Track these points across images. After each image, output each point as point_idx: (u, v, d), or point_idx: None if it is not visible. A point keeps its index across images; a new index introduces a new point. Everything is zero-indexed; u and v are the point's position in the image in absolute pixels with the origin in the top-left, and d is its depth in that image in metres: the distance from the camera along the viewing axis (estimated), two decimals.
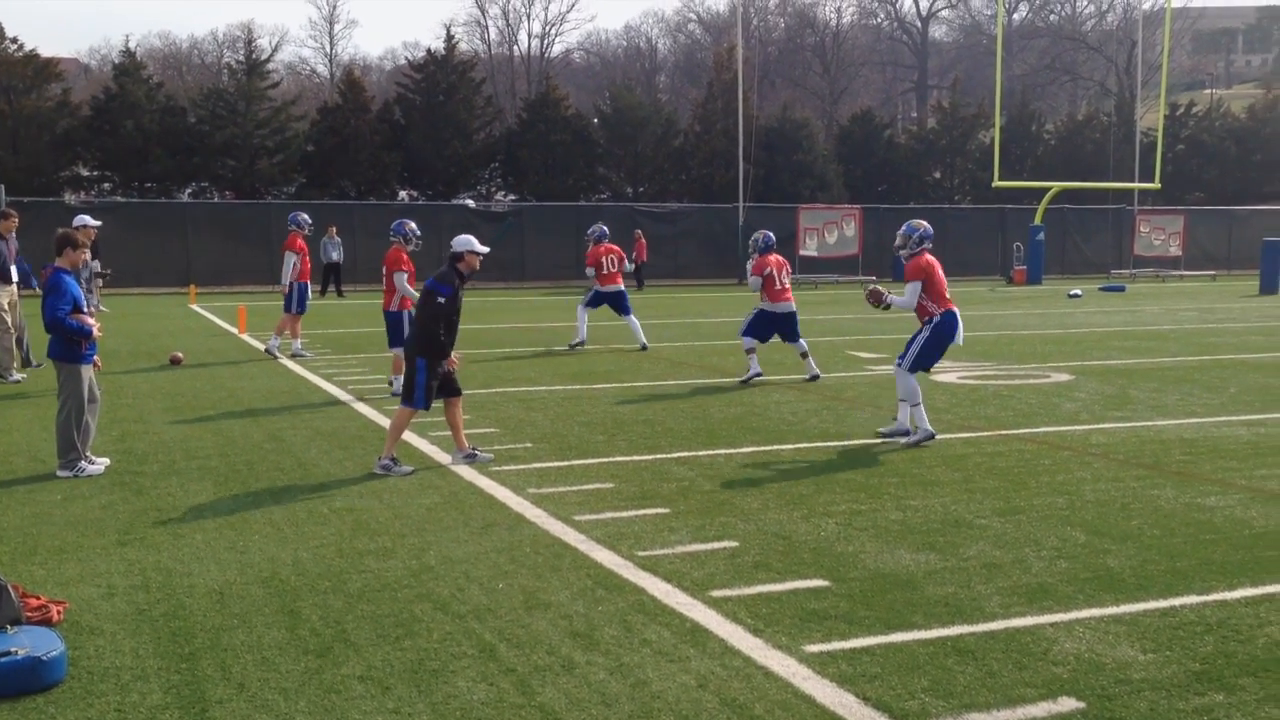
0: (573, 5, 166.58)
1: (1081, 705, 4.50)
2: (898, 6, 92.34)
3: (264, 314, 24.43)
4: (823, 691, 4.64)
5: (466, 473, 8.67)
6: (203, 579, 6.10)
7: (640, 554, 6.52)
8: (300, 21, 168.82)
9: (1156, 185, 41.00)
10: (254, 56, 45.71)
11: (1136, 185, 43.34)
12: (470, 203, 40.33)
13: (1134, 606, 5.62)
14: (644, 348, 17.11)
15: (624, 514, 7.40)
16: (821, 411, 11.44)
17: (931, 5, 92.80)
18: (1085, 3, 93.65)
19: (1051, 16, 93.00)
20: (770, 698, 4.59)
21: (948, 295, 10.05)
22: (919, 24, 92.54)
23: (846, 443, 9.87)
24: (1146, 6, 75.23)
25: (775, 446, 9.67)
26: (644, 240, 34.20)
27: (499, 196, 48.43)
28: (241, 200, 41.00)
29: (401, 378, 10.38)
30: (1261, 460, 9.07)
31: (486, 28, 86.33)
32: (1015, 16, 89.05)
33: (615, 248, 17.60)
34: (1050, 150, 54.76)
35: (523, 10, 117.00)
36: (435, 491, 8.07)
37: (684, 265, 39.33)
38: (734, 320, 22.76)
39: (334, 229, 31.91)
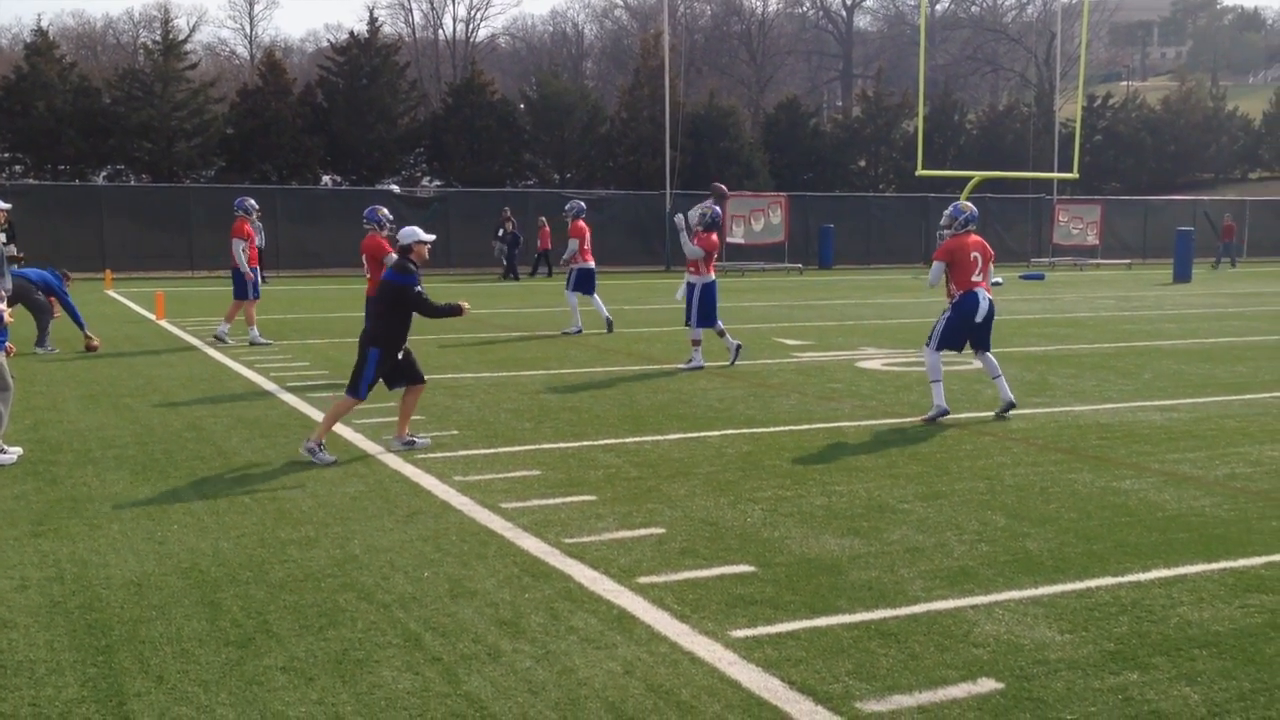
0: None
1: (1001, 686, 4.59)
2: None
3: (182, 300, 23.97)
4: (748, 676, 4.67)
5: (392, 461, 8.59)
6: (120, 570, 5.97)
7: (567, 541, 6.51)
8: (219, 1, 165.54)
9: (1075, 175, 41.72)
10: (171, 37, 44.74)
11: (1055, 175, 44.13)
12: (395, 188, 39.90)
13: (1052, 588, 5.74)
14: (610, 324, 17.78)
15: (551, 501, 7.38)
16: (748, 398, 11.51)
17: None
18: None
19: (973, 8, 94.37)
20: (696, 683, 4.61)
21: (974, 278, 10.37)
22: (844, 13, 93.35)
23: (772, 429, 9.94)
24: None
25: (702, 433, 9.71)
26: (548, 228, 33.97)
27: (424, 182, 48.01)
28: (158, 184, 40.13)
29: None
30: (1174, 444, 9.31)
31: (410, 11, 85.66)
32: (938, 7, 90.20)
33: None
34: (972, 140, 55.67)
35: None
36: (360, 480, 7.98)
37: (611, 252, 39.20)
38: (660, 308, 22.81)
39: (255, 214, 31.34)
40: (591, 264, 18.15)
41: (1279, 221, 49.76)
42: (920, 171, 38.99)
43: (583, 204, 18.79)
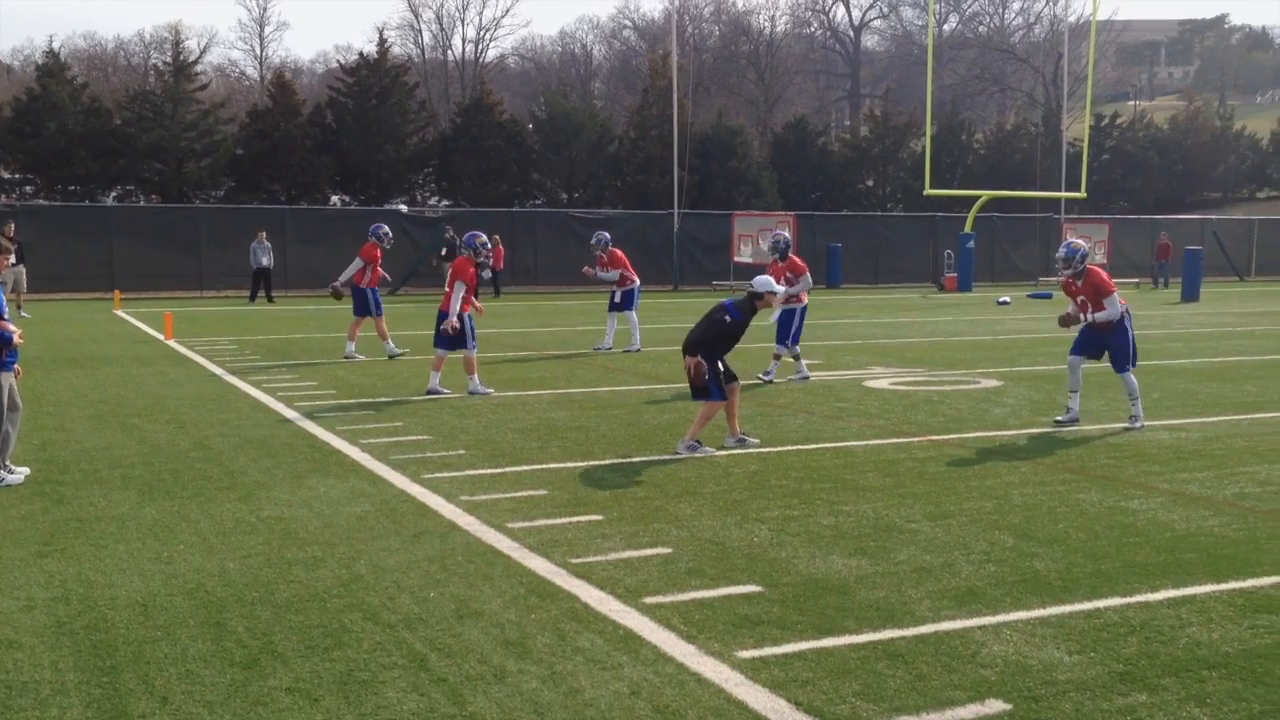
0: (507, 10, 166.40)
1: (1009, 707, 4.56)
2: (831, 16, 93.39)
3: (191, 320, 24.04)
4: (755, 697, 4.65)
5: (399, 480, 8.59)
6: (125, 591, 5.97)
7: (573, 561, 6.49)
8: (230, 23, 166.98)
9: (1082, 194, 41.83)
10: (181, 58, 45.04)
11: (1063, 194, 44.17)
12: (404, 208, 39.99)
13: (1060, 609, 5.71)
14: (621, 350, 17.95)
15: (557, 521, 7.38)
16: (755, 418, 11.49)
17: (864, 15, 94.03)
18: (1013, 15, 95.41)
19: (981, 28, 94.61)
20: (703, 704, 4.59)
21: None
22: (851, 33, 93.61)
23: (780, 448, 9.93)
24: (1072, 19, 76.85)
25: (709, 453, 9.69)
26: (502, 247, 33.80)
27: (432, 202, 48.15)
28: (168, 204, 40.30)
29: (476, 377, 13.05)
30: (1182, 464, 9.27)
31: (420, 32, 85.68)
32: (945, 27, 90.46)
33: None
34: (980, 159, 55.70)
35: (457, 15, 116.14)
36: (366, 500, 7.98)
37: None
38: (668, 327, 22.80)
39: (263, 234, 31.48)
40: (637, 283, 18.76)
41: None
42: (928, 191, 39.11)
43: (607, 235, 19.19)
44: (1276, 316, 26.60)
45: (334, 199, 46.62)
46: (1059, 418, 11.19)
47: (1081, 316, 10.94)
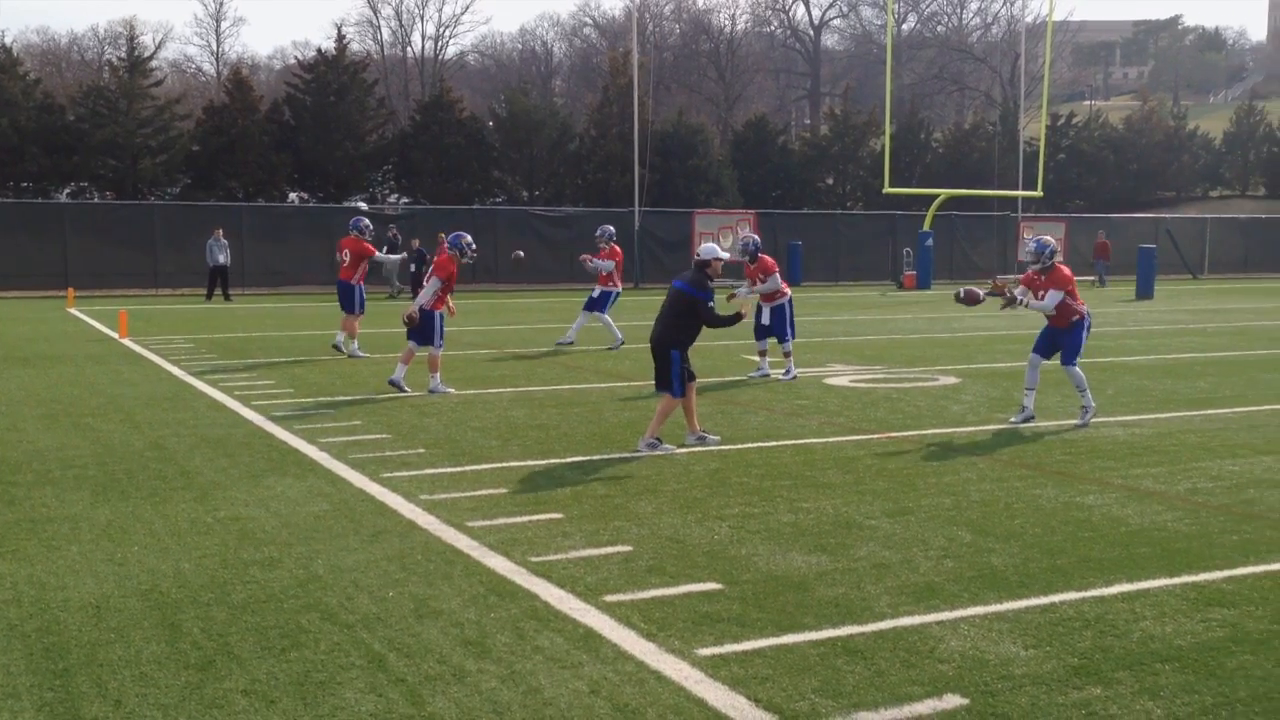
0: (467, 7, 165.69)
1: (966, 702, 4.59)
2: (790, 15, 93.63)
3: (146, 318, 23.75)
4: (715, 694, 4.66)
5: (357, 479, 8.53)
6: (78, 592, 5.89)
7: (533, 560, 6.48)
8: (185, 18, 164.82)
9: (1039, 193, 42.23)
10: (136, 54, 44.46)
11: (1020, 193, 44.57)
12: (363, 205, 39.72)
13: (1016, 604, 5.76)
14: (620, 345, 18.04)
15: (517, 519, 7.35)
16: (716, 415, 11.51)
17: (823, 14, 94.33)
18: (971, 15, 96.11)
19: (939, 28, 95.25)
20: (663, 702, 4.59)
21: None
22: (811, 32, 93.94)
23: (740, 446, 9.95)
24: (1029, 20, 77.61)
25: (669, 451, 9.70)
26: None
27: (392, 199, 47.86)
28: (123, 201, 39.79)
29: (438, 375, 13.02)
30: (1136, 459, 9.38)
31: (379, 28, 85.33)
32: (904, 27, 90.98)
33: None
34: (938, 158, 56.11)
35: (416, 11, 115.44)
36: (324, 499, 7.92)
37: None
38: (628, 324, 22.79)
39: (220, 231, 31.16)
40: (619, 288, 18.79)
41: (1240, 239, 50.39)
42: (887, 189, 39.33)
43: (612, 229, 19.21)
44: (1229, 314, 27.00)
45: (292, 196, 46.23)
46: (1013, 418, 11.27)
47: (1006, 297, 11.10)
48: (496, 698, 4.63)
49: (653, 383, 9.73)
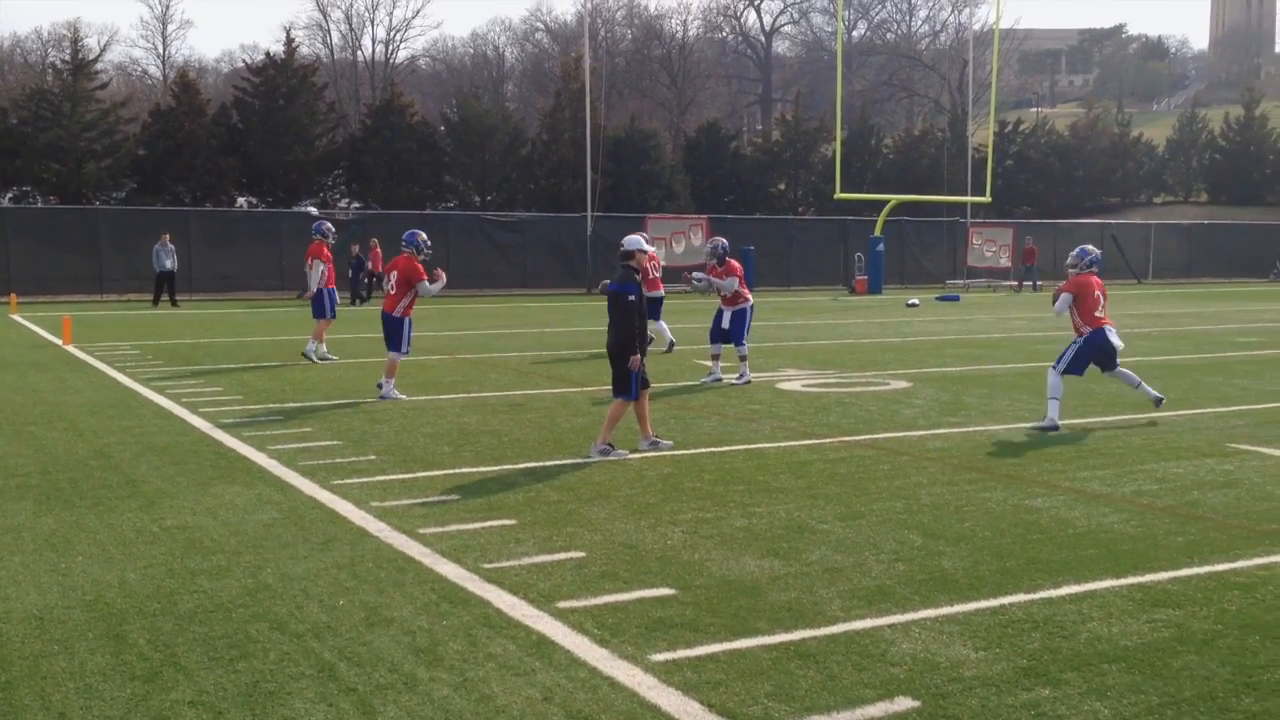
0: (418, 11, 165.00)
1: (917, 704, 4.62)
2: (742, 21, 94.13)
3: (91, 325, 23.39)
4: (668, 700, 4.65)
5: (308, 487, 8.44)
6: (20, 604, 5.78)
7: (486, 566, 6.44)
8: (131, 21, 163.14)
9: (987, 199, 42.72)
10: (81, 56, 43.91)
11: (969, 199, 45.06)
12: (312, 209, 39.40)
13: (966, 606, 5.81)
14: (672, 346, 17.91)
15: (470, 526, 7.31)
16: (669, 420, 11.52)
17: (774, 21, 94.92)
18: (920, 22, 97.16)
19: (889, 35, 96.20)
20: (616, 708, 4.58)
21: (1099, 314, 11.42)
22: (763, 39, 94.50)
23: (693, 451, 9.96)
24: (977, 28, 78.55)
25: (622, 456, 9.69)
26: (379, 249, 32.17)
27: (342, 204, 47.51)
28: (67, 205, 39.19)
29: (393, 381, 12.90)
30: (1083, 462, 9.50)
31: (329, 32, 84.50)
32: (854, 34, 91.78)
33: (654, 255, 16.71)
34: (889, 164, 56.63)
35: (366, 15, 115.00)
36: (273, 507, 7.83)
37: (532, 274, 39.21)
38: (582, 330, 22.77)
39: (167, 236, 30.78)
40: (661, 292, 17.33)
41: (1183, 244, 51.29)
42: (839, 195, 39.61)
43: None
44: (1172, 319, 27.45)
45: (240, 201, 45.77)
46: (1037, 424, 11.28)
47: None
48: (448, 706, 4.60)
49: (608, 388, 9.71)
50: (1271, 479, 8.85)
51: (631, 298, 9.52)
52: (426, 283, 13.16)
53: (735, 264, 14.80)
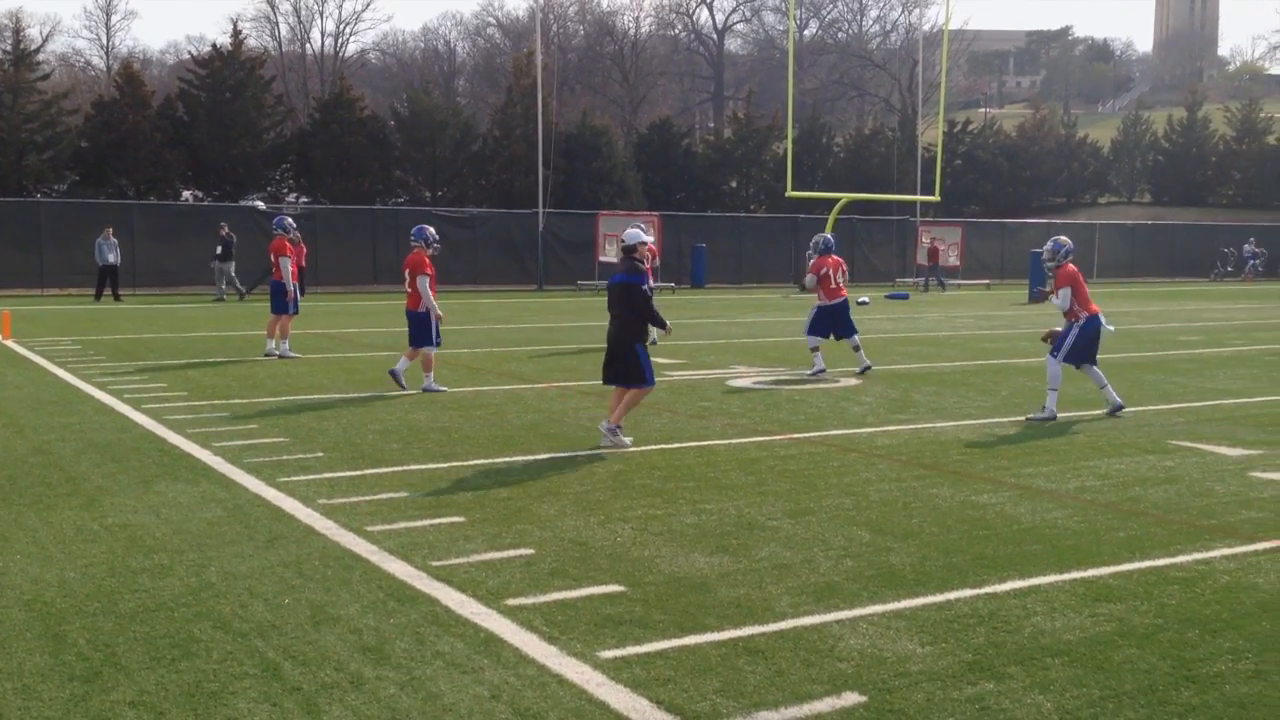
0: (368, 4, 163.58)
1: (864, 699, 4.65)
2: (694, 19, 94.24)
3: (31, 319, 22.97)
4: (616, 697, 4.65)
5: (253, 484, 8.34)
6: None
7: (434, 564, 6.40)
8: (74, 11, 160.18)
9: (937, 198, 43.02)
10: (22, 46, 43.01)
11: (919, 198, 45.40)
12: (260, 204, 38.94)
13: (913, 601, 5.85)
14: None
15: (418, 523, 7.26)
16: None
17: (727, 19, 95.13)
18: (871, 22, 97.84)
19: (840, 34, 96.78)
20: (564, 705, 4.57)
21: (1090, 300, 11.78)
22: (715, 36, 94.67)
23: (643, 448, 9.96)
24: (926, 28, 79.22)
25: (572, 453, 9.68)
26: (303, 245, 31.83)
27: (290, 198, 47.00)
28: (6, 198, 38.44)
29: (431, 374, 13.21)
30: (1029, 459, 9.62)
31: (277, 24, 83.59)
32: (806, 33, 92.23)
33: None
34: (840, 163, 56.94)
35: (315, 7, 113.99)
36: (218, 505, 7.73)
37: (483, 271, 39.02)
38: (532, 327, 22.71)
39: (110, 230, 30.29)
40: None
41: (1127, 244, 52.05)
42: (790, 193, 39.74)
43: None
44: (1115, 317, 27.79)
45: (185, 194, 45.13)
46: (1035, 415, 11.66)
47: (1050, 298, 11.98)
48: (395, 705, 4.56)
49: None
50: (1210, 475, 9.00)
51: (645, 288, 9.92)
52: (426, 277, 13.22)
53: (827, 259, 15.41)
